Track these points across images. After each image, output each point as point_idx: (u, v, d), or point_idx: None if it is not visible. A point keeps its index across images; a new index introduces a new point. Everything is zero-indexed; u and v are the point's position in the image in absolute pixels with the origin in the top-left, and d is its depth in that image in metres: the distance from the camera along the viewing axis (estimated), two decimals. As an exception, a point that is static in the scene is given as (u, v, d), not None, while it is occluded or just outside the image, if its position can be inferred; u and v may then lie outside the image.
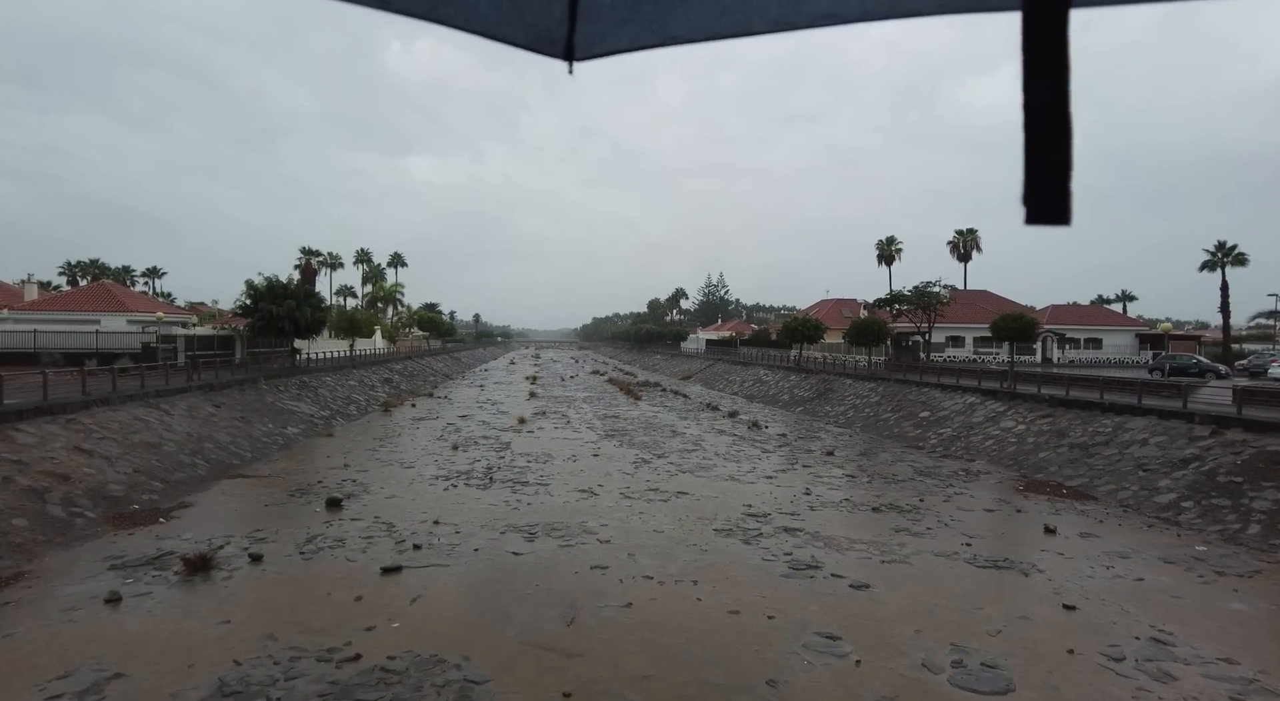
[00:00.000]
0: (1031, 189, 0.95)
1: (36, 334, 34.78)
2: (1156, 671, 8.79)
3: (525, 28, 1.30)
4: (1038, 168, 0.95)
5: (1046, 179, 0.94)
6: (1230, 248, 53.33)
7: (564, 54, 1.34)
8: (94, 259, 77.05)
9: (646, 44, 1.33)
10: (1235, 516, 15.25)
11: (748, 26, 1.26)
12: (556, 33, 1.32)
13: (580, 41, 1.33)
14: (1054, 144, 0.94)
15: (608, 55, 1.36)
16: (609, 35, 1.33)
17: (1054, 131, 0.94)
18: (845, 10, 1.20)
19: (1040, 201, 0.94)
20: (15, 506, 13.42)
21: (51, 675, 8.18)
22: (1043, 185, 0.94)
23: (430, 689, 8.09)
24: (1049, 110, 0.94)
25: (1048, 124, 0.94)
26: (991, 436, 25.62)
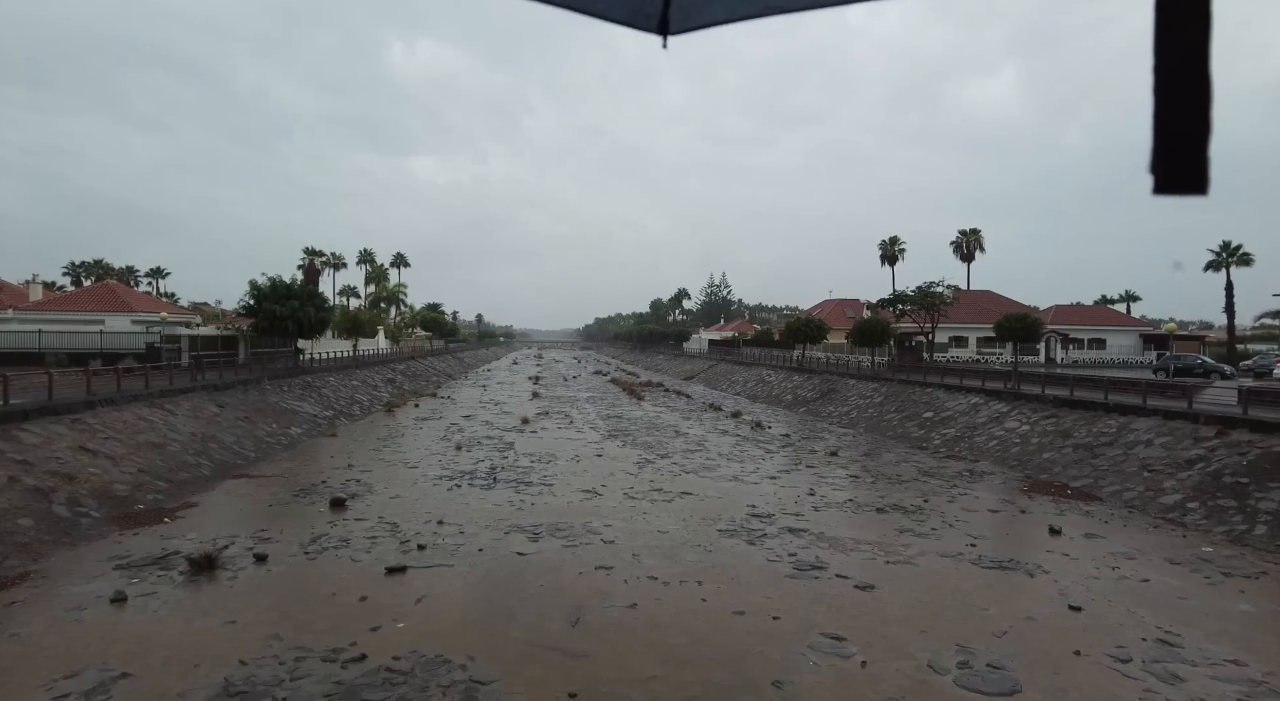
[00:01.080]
0: (1162, 156, 0.89)
1: (41, 334, 34.88)
2: (1164, 672, 8.76)
3: (622, 2, 1.30)
4: (1171, 130, 0.88)
5: (1181, 146, 0.88)
6: (1235, 247, 53.15)
7: (659, 28, 1.33)
8: (98, 259, 77.35)
9: (743, 15, 1.31)
10: (1241, 517, 15.20)
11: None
12: (651, 7, 1.31)
13: (675, 15, 1.32)
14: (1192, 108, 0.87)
15: (702, 28, 1.35)
16: (704, 8, 1.32)
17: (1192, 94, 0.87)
18: None
19: (1172, 169, 0.89)
20: (21, 506, 13.45)
21: (58, 674, 8.19)
22: (1176, 152, 0.88)
23: (436, 689, 8.09)
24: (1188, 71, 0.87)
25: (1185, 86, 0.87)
26: (995, 437, 25.57)
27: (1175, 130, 0.88)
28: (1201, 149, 0.88)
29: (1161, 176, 0.90)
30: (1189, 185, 0.89)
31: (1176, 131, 0.88)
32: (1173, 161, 0.89)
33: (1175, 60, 0.87)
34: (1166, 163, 0.89)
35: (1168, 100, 0.88)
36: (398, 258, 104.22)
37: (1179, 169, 0.89)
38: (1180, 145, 0.88)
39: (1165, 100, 0.88)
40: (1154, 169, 0.90)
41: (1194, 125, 0.88)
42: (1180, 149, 0.88)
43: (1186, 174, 0.88)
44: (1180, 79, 0.87)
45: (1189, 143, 0.88)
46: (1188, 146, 0.88)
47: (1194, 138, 0.88)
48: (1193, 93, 0.87)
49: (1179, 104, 0.88)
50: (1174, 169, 0.89)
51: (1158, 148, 0.89)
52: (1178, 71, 0.87)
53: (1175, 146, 0.89)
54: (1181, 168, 0.88)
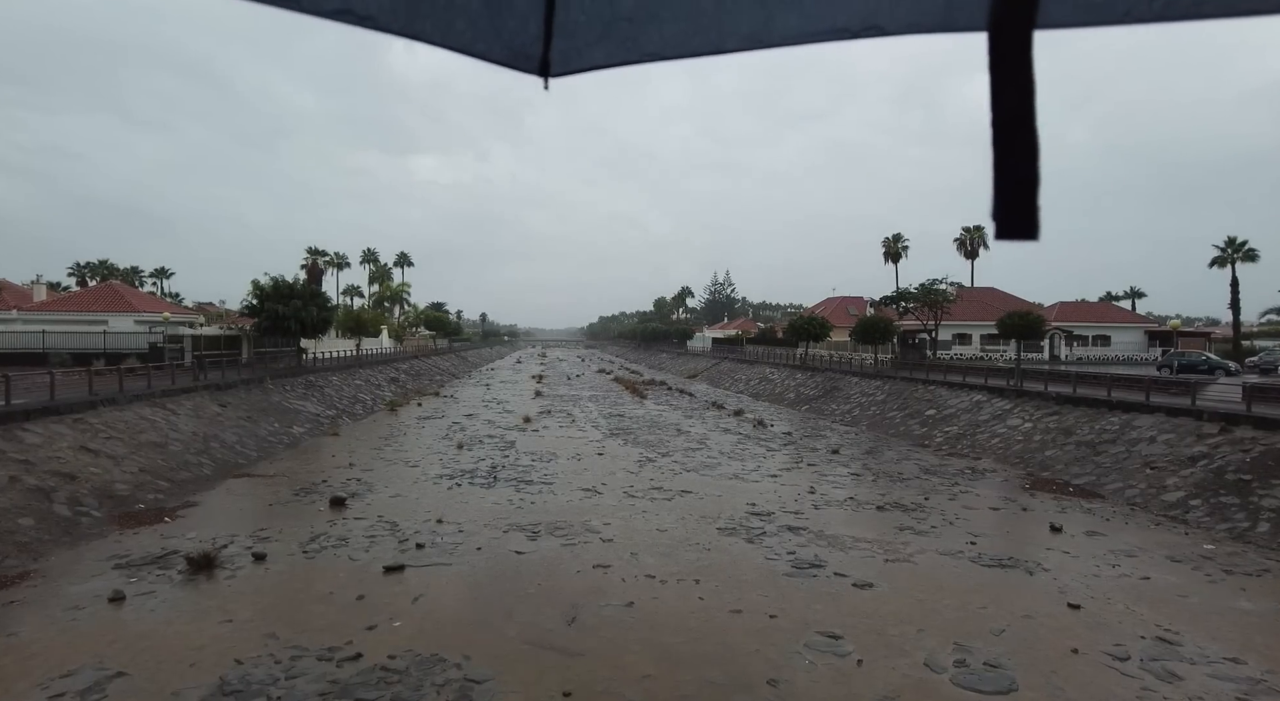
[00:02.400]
0: (1001, 204, 0.96)
1: (45, 334, 35.04)
2: (1162, 671, 8.71)
3: (501, 44, 1.31)
4: (1007, 183, 0.96)
5: (1016, 193, 0.96)
6: (1240, 243, 52.84)
7: (539, 70, 1.35)
8: (103, 259, 77.63)
9: (621, 61, 1.34)
10: (1244, 515, 15.11)
11: (720, 45, 1.28)
12: (532, 49, 1.33)
13: (556, 58, 1.34)
14: (1022, 159, 0.96)
15: (583, 72, 1.37)
16: (584, 52, 1.34)
17: (1022, 147, 0.96)
18: (816, 29, 1.22)
19: (1010, 216, 0.96)
20: (22, 505, 13.51)
21: (55, 673, 8.22)
22: (1012, 200, 0.96)
23: (430, 688, 8.09)
24: (1017, 127, 0.95)
25: (1016, 140, 0.96)
26: (998, 434, 25.48)
27: (1010, 179, 0.96)
28: (1032, 196, 0.96)
29: (1000, 222, 0.97)
30: (1023, 231, 0.96)
31: (1011, 180, 0.96)
32: (1009, 208, 0.96)
33: (1008, 117, 0.96)
34: (1004, 210, 0.96)
35: (1003, 151, 0.96)
36: (401, 257, 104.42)
37: (1015, 215, 0.96)
38: (1016, 194, 0.96)
39: (1001, 151, 0.96)
40: (994, 216, 0.97)
41: (1025, 173, 0.95)
42: (1014, 197, 0.96)
43: (1021, 220, 0.96)
44: (1012, 131, 0.96)
45: (1022, 190, 0.96)
46: (1021, 194, 0.96)
47: (1026, 185, 0.95)
48: (1023, 144, 0.95)
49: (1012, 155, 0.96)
50: (1010, 215, 0.96)
51: (997, 197, 0.97)
52: (1009, 124, 0.96)
53: (1010, 194, 0.96)
54: (1017, 214, 0.96)
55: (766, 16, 1.23)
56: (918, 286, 46.04)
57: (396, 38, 1.23)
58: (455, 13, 1.24)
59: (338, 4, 1.14)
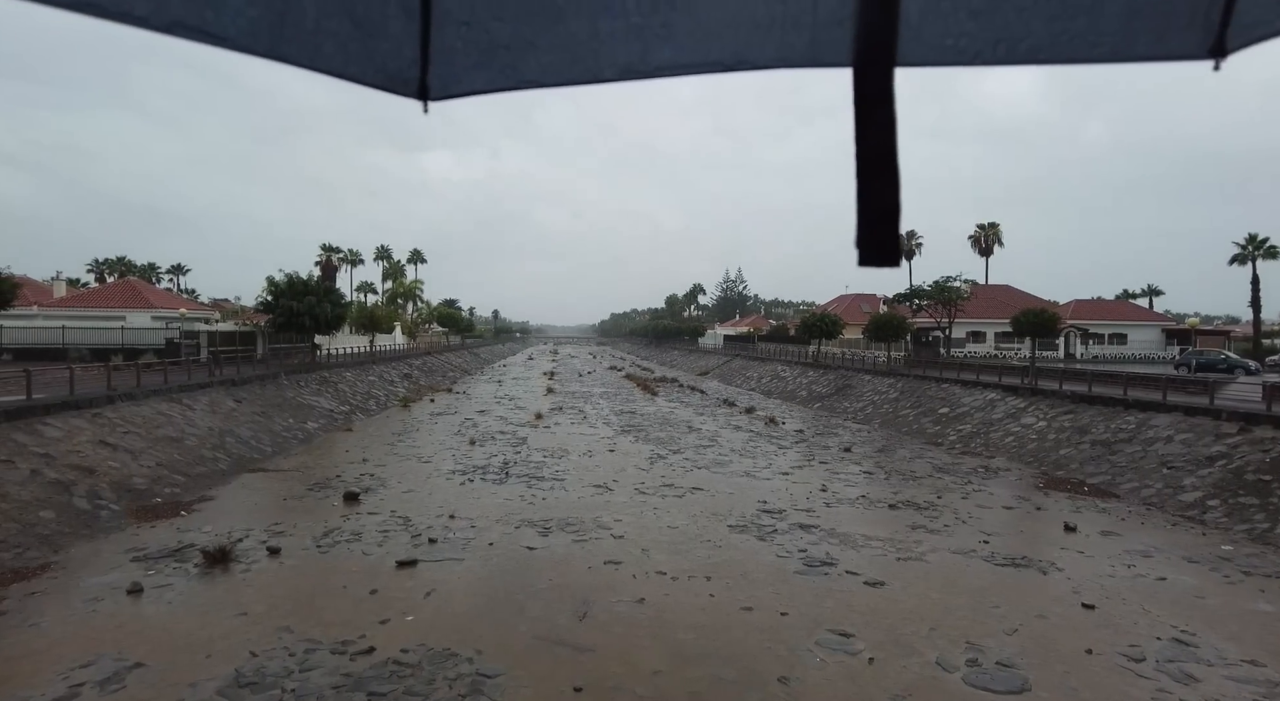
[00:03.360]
0: (864, 231, 1.00)
1: (64, 330, 35.50)
2: (1178, 672, 8.62)
3: (375, 68, 1.30)
4: (870, 210, 0.99)
5: (878, 221, 0.99)
6: (1261, 240, 52.02)
7: (418, 94, 1.34)
8: (121, 256, 78.48)
9: (501, 87, 1.35)
10: (1264, 515, 14.91)
11: (598, 74, 1.31)
12: (409, 73, 1.32)
13: (434, 83, 1.34)
14: (884, 189, 0.99)
15: (463, 96, 1.37)
16: (463, 78, 1.34)
17: (884, 177, 0.99)
18: (688, 61, 1.25)
19: (872, 243, 0.99)
20: (43, 498, 13.72)
21: (75, 663, 8.36)
22: (874, 227, 0.99)
23: (442, 682, 8.15)
24: (879, 158, 0.98)
25: (878, 170, 0.99)
26: (1012, 433, 25.28)
27: (873, 207, 0.99)
28: (893, 224, 0.99)
29: (863, 250, 1.00)
30: (885, 258, 1.00)
31: (874, 208, 0.99)
32: (871, 236, 1.00)
33: (870, 150, 0.99)
34: (867, 237, 1.00)
35: (866, 181, 0.99)
36: (414, 254, 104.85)
37: (876, 243, 1.00)
38: (878, 222, 0.99)
39: (864, 181, 0.99)
40: (858, 243, 1.00)
41: (888, 202, 0.99)
42: (877, 225, 0.99)
43: (883, 247, 1.00)
44: (874, 162, 0.99)
45: (884, 218, 0.99)
46: (883, 222, 0.99)
47: (888, 213, 0.99)
48: (884, 174, 0.99)
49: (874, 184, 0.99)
50: (872, 243, 1.00)
51: (860, 226, 1.00)
52: (872, 155, 0.99)
53: (873, 222, 1.00)
54: (879, 241, 1.00)
55: (642, 49, 1.25)
56: (931, 284, 45.68)
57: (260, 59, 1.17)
58: (324, 36, 1.22)
59: (194, 23, 1.10)
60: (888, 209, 0.98)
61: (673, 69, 1.26)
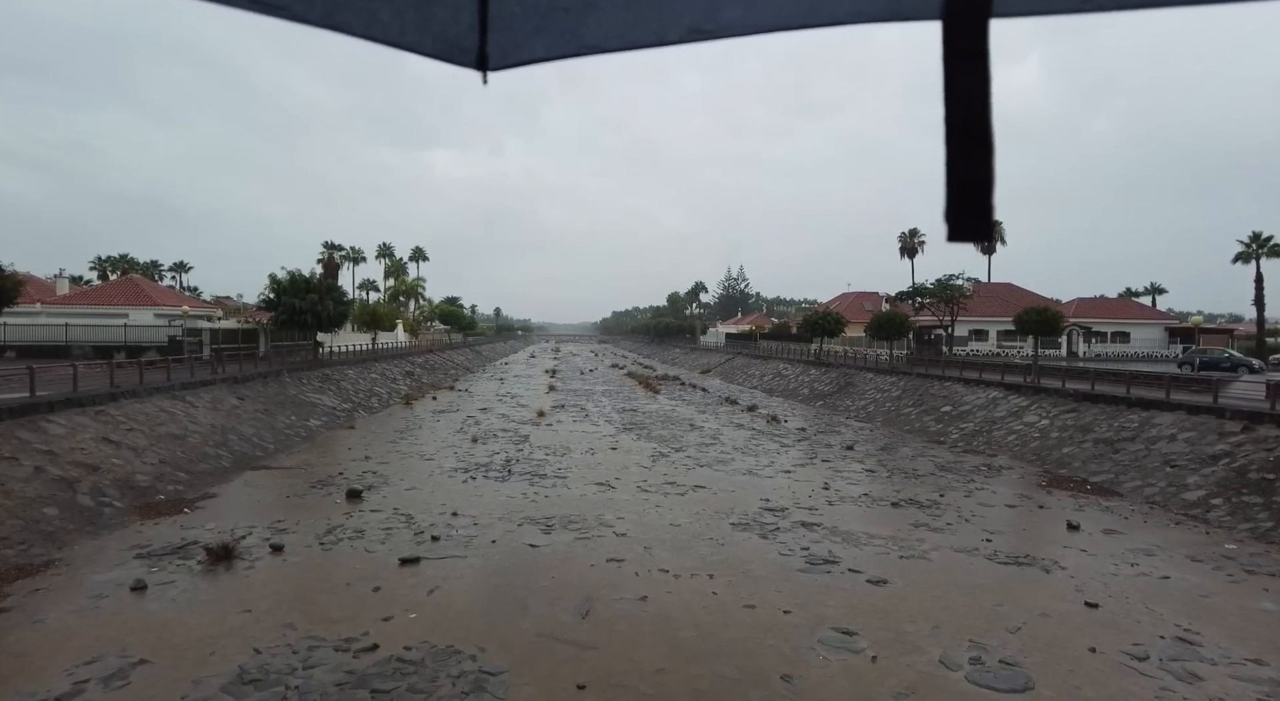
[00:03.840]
0: (954, 204, 0.94)
1: (68, 327, 35.54)
2: (1181, 671, 8.61)
3: (434, 36, 1.26)
4: (960, 182, 0.93)
5: (969, 194, 0.93)
6: (1266, 238, 51.92)
7: (476, 64, 1.30)
8: (123, 254, 78.46)
9: (562, 53, 1.30)
10: (1267, 514, 14.88)
11: (662, 36, 1.25)
12: (467, 42, 1.28)
13: (493, 51, 1.29)
14: (976, 158, 0.93)
15: (523, 65, 1.33)
16: (522, 44, 1.30)
17: (976, 145, 0.92)
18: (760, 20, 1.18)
19: (963, 217, 0.94)
20: (46, 495, 13.75)
21: (79, 660, 8.37)
22: (966, 200, 0.93)
23: (446, 679, 8.16)
24: (971, 123, 0.92)
25: (970, 137, 0.92)
26: (1014, 431, 25.25)
27: (963, 178, 0.94)
28: (986, 196, 0.93)
29: (953, 224, 0.94)
30: (976, 232, 0.94)
31: (964, 179, 0.94)
32: (962, 209, 0.94)
33: (962, 113, 0.93)
34: (957, 210, 0.94)
35: (956, 149, 0.94)
36: (416, 252, 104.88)
37: (967, 216, 0.94)
38: (968, 193, 0.93)
39: (954, 149, 0.94)
40: (947, 217, 0.94)
41: (980, 173, 0.93)
42: (968, 197, 0.94)
43: (974, 221, 0.94)
44: (966, 128, 0.93)
45: (976, 190, 0.93)
46: (975, 194, 0.93)
47: (980, 185, 0.93)
48: (977, 142, 0.93)
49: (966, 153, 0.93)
50: (963, 216, 0.94)
51: (950, 197, 0.94)
52: (963, 120, 0.93)
53: (964, 194, 0.94)
54: (970, 215, 0.94)
55: (709, 6, 1.19)
56: (934, 282, 45.65)
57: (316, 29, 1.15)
58: (380, 3, 1.19)
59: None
60: (980, 179, 0.92)
61: (742, 27, 1.19)
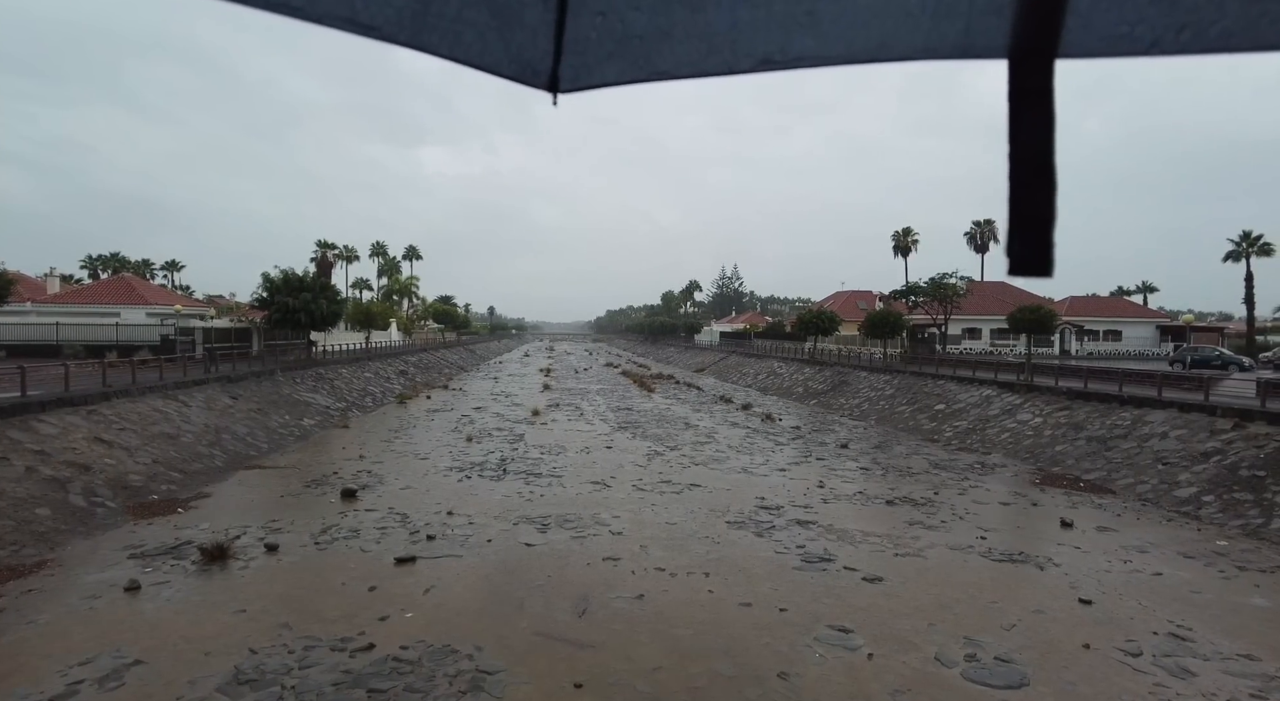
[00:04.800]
0: (1017, 239, 0.95)
1: (59, 326, 35.32)
2: (1174, 667, 8.67)
3: (510, 58, 1.29)
4: (1024, 217, 0.95)
5: (1032, 229, 0.94)
6: (1256, 237, 52.29)
7: (548, 86, 1.33)
8: (115, 252, 78.01)
9: (632, 79, 1.32)
10: (1258, 511, 15.00)
11: (734, 65, 1.27)
12: (541, 65, 1.31)
13: (565, 74, 1.32)
14: (1040, 194, 0.94)
15: (593, 88, 1.35)
16: (594, 69, 1.32)
17: (1040, 182, 0.94)
18: (830, 53, 1.21)
19: (1026, 252, 0.95)
20: (39, 496, 13.66)
21: (73, 661, 8.33)
22: (1029, 235, 0.95)
23: (442, 678, 8.15)
24: (1036, 160, 0.94)
25: (1034, 174, 0.94)
26: (1008, 429, 25.36)
27: (1027, 213, 0.95)
28: (1047, 232, 0.95)
29: (1015, 258, 0.96)
30: (1038, 268, 0.95)
31: (1028, 214, 0.95)
32: (1025, 244, 0.95)
33: (1026, 150, 0.94)
34: (1019, 247, 0.95)
35: (1020, 185, 0.95)
36: (410, 250, 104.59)
37: (1030, 251, 0.95)
38: (1032, 230, 0.95)
39: (1018, 185, 0.95)
40: (1009, 251, 0.96)
41: (1043, 209, 0.94)
42: (1031, 232, 0.95)
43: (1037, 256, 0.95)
44: (1031, 165, 0.94)
45: (1039, 226, 0.95)
46: (1038, 229, 0.95)
47: (1042, 221, 0.94)
48: (1041, 178, 0.94)
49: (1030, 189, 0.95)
50: (1026, 251, 0.95)
51: (1012, 232, 0.96)
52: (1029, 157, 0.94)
53: (1027, 229, 0.95)
54: (1033, 250, 0.95)
55: (783, 39, 1.21)
56: (928, 280, 45.83)
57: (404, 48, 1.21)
58: (464, 25, 1.22)
59: (344, 13, 1.11)
60: (1042, 215, 0.94)
61: (813, 60, 1.22)
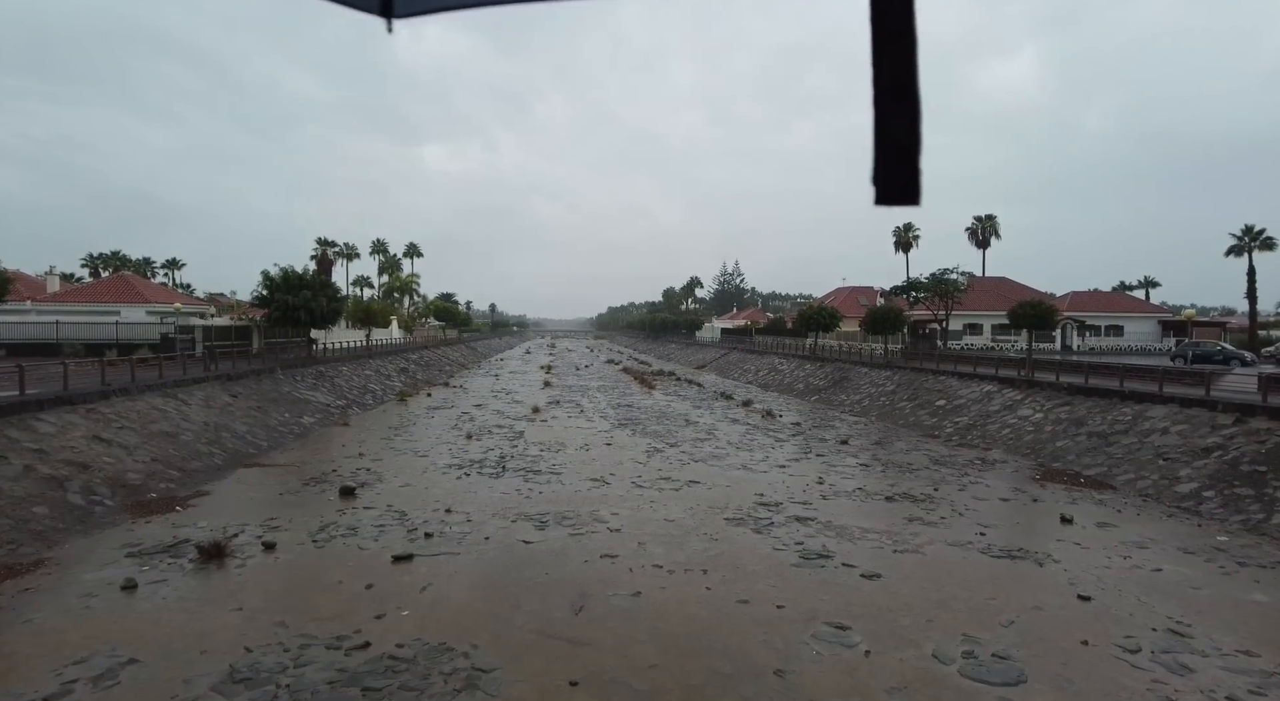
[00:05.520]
0: (881, 168, 0.93)
1: (58, 325, 35.32)
2: (1173, 663, 8.63)
3: None
4: (888, 146, 0.93)
5: (897, 157, 0.93)
6: (1258, 232, 52.11)
7: (380, 10, 1.25)
8: (115, 251, 78.06)
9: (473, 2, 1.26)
10: (1259, 506, 14.95)
11: None
12: None
13: None
14: (904, 122, 0.92)
15: (430, 13, 1.28)
16: None
17: (904, 109, 0.92)
18: None
19: (890, 181, 0.93)
20: (37, 494, 13.65)
21: (69, 659, 8.31)
22: (893, 164, 0.93)
23: (438, 676, 8.13)
24: (899, 87, 0.92)
25: (898, 101, 0.92)
26: (1008, 425, 25.31)
27: (891, 142, 0.93)
28: (913, 160, 0.93)
29: (881, 188, 0.94)
30: (904, 196, 0.94)
31: (892, 143, 0.93)
32: (890, 173, 0.93)
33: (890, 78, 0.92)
34: (885, 174, 0.93)
35: (884, 113, 0.93)
36: (410, 248, 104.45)
37: (895, 180, 0.93)
38: (896, 157, 0.93)
39: (882, 113, 0.93)
40: (875, 180, 0.93)
41: (907, 137, 0.93)
42: (895, 161, 0.93)
43: (902, 185, 0.93)
44: (894, 92, 0.92)
45: (903, 154, 0.93)
46: (902, 158, 0.93)
47: (907, 149, 0.93)
48: (905, 105, 0.92)
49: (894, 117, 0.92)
50: (891, 180, 0.93)
51: (878, 160, 0.94)
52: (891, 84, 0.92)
53: (891, 158, 0.93)
54: (898, 179, 0.93)
55: None
56: (929, 276, 45.75)
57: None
58: None
59: None
60: (907, 144, 0.92)
61: None
